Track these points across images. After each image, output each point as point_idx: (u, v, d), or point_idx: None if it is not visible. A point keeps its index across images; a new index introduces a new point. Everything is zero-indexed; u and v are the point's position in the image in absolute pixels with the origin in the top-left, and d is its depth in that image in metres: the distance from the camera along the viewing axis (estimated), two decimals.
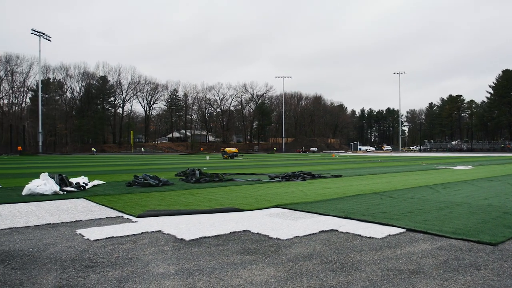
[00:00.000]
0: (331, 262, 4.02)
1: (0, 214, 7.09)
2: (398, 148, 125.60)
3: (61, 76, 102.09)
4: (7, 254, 4.39)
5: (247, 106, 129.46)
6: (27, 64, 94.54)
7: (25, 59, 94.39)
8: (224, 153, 48.66)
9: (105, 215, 6.98)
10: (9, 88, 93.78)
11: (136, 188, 11.31)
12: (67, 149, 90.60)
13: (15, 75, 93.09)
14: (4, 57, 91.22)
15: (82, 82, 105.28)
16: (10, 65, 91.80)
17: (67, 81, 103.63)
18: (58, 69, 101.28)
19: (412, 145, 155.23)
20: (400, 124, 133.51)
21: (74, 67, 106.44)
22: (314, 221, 6.29)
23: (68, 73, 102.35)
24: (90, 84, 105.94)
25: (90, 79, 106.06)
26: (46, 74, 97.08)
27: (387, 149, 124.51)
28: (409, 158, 43.40)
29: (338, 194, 9.77)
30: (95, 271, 3.78)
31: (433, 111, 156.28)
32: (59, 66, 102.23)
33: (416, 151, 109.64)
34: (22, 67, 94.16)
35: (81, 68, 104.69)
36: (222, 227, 5.84)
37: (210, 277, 3.57)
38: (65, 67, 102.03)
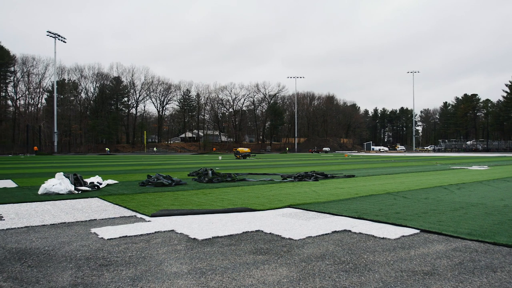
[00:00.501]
0: (344, 263, 4.00)
1: (17, 213, 7.21)
2: (411, 148, 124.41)
3: (76, 77, 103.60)
4: (23, 252, 4.46)
5: (259, 106, 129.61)
6: (43, 66, 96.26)
7: (41, 61, 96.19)
8: (236, 153, 48.74)
9: (119, 215, 7.05)
10: (26, 89, 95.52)
11: (149, 187, 11.40)
12: (82, 149, 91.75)
13: (31, 76, 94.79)
14: (20, 58, 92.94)
15: (96, 82, 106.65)
16: (26, 67, 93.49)
17: (81, 82, 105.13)
18: (73, 70, 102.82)
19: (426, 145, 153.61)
20: (413, 124, 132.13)
21: (89, 68, 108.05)
22: (327, 221, 6.27)
23: (82, 74, 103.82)
24: (104, 85, 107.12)
25: (104, 80, 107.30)
26: (61, 75, 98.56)
27: (400, 149, 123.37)
28: (423, 158, 42.94)
29: (351, 194, 9.71)
30: (109, 269, 3.82)
31: (447, 111, 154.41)
32: (74, 67, 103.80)
33: (430, 151, 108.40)
34: (38, 68, 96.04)
35: (95, 69, 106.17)
36: (234, 227, 5.85)
37: (222, 277, 3.58)
38: (80, 68, 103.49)
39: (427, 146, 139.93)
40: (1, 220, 6.50)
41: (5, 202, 8.55)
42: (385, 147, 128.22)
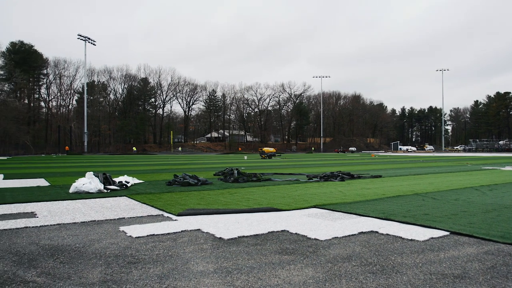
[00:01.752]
0: (371, 264, 3.94)
1: (50, 211, 7.44)
2: (441, 148, 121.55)
3: (105, 78, 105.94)
4: (56, 249, 4.60)
5: (285, 106, 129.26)
6: (73, 68, 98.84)
7: (72, 63, 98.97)
8: (262, 153, 48.75)
9: (147, 213, 7.17)
10: (57, 91, 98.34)
11: (176, 187, 11.55)
12: (110, 149, 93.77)
13: (62, 78, 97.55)
14: (53, 61, 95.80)
15: (124, 84, 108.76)
16: (58, 69, 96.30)
17: (110, 83, 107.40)
18: (102, 72, 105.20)
19: (455, 144, 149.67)
20: (443, 123, 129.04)
21: (117, 69, 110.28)
22: (353, 222, 6.20)
23: (111, 75, 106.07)
24: (132, 86, 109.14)
25: (132, 81, 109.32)
26: (91, 77, 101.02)
27: (429, 149, 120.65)
28: (452, 158, 41.87)
29: (378, 195, 9.57)
30: (137, 267, 3.89)
31: (478, 109, 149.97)
32: (103, 69, 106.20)
33: (460, 151, 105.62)
34: (69, 70, 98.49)
35: (123, 71, 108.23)
36: (260, 226, 5.86)
37: (248, 276, 3.59)
38: (109, 70, 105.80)
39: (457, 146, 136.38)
40: (35, 217, 6.72)
41: (38, 200, 8.84)
42: (413, 147, 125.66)
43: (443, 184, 12.33)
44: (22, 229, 5.80)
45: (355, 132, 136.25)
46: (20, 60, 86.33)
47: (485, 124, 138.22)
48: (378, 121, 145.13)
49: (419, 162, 32.80)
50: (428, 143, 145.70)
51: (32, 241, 5.00)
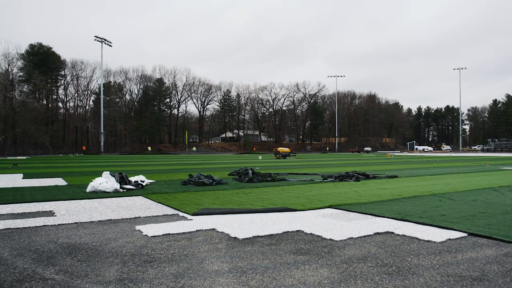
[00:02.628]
0: (387, 265, 3.91)
1: (67, 210, 7.57)
2: (458, 147, 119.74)
3: (121, 79, 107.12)
4: (73, 247, 4.68)
5: (299, 105, 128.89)
6: (90, 69, 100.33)
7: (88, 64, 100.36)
8: (276, 153, 48.74)
9: (162, 213, 7.23)
10: (75, 91, 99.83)
11: (191, 186, 11.62)
12: (126, 149, 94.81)
13: (80, 79, 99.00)
14: (70, 63, 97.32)
15: (140, 84, 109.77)
16: (75, 70, 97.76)
17: (126, 84, 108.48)
18: (118, 73, 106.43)
19: (473, 144, 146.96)
20: (460, 123, 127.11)
21: (133, 70, 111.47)
22: (368, 222, 6.15)
23: (127, 76, 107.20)
24: (148, 87, 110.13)
25: (147, 82, 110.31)
26: (107, 77, 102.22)
27: (446, 148, 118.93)
28: (470, 159, 41.19)
29: (394, 195, 9.47)
30: (153, 266, 3.93)
31: (497, 109, 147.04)
32: (119, 70, 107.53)
33: (478, 151, 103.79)
34: (86, 71, 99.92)
35: (139, 71, 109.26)
36: (275, 226, 5.86)
37: (263, 276, 3.60)
38: (125, 71, 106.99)
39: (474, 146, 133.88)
40: (53, 216, 6.84)
41: (56, 199, 8.99)
42: (430, 147, 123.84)
43: (460, 184, 12.14)
44: (41, 227, 5.91)
45: (370, 132, 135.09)
46: (39, 61, 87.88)
47: (504, 123, 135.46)
48: (393, 120, 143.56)
49: (435, 162, 32.37)
50: (445, 143, 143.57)
51: (51, 239, 5.09)
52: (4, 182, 13.59)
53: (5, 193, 10.23)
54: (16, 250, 4.53)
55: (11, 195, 9.79)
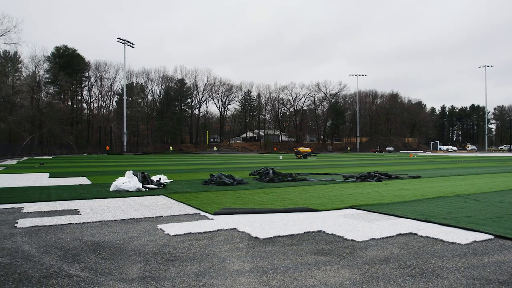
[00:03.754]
0: (410, 267, 3.85)
1: (92, 208, 7.72)
2: (484, 147, 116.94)
3: (143, 80, 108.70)
4: (97, 245, 4.77)
5: (320, 105, 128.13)
6: (113, 70, 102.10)
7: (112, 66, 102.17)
8: (297, 153, 48.56)
9: (184, 212, 7.31)
10: (99, 92, 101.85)
11: (212, 186, 11.70)
12: (149, 149, 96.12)
13: (103, 80, 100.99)
14: (94, 64, 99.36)
15: (161, 85, 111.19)
16: (99, 72, 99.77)
17: (148, 84, 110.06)
18: (140, 74, 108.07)
19: (500, 144, 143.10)
20: (486, 122, 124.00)
21: (155, 71, 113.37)
22: (391, 223, 6.06)
23: (149, 77, 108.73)
24: (169, 87, 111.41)
25: (169, 82, 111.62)
26: (130, 78, 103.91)
27: (471, 148, 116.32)
28: (497, 159, 40.13)
29: (417, 196, 9.32)
30: (175, 264, 3.97)
31: None
32: (141, 71, 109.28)
33: (505, 151, 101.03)
34: (109, 73, 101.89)
35: (160, 72, 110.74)
36: (296, 226, 5.84)
37: (284, 276, 3.59)
38: (147, 72, 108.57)
39: (501, 146, 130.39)
40: (78, 214, 7.00)
41: (81, 198, 9.20)
42: (454, 147, 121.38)
43: (486, 185, 11.85)
44: (66, 225, 6.05)
45: (393, 131, 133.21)
46: (64, 63, 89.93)
47: None
48: (416, 120, 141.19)
49: (460, 162, 31.69)
50: (470, 143, 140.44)
51: (76, 237, 5.20)
52: (32, 181, 13.97)
53: (32, 191, 10.52)
54: (43, 247, 4.65)
55: (38, 193, 10.06)
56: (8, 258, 4.21)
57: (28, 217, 6.78)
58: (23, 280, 3.50)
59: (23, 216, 6.89)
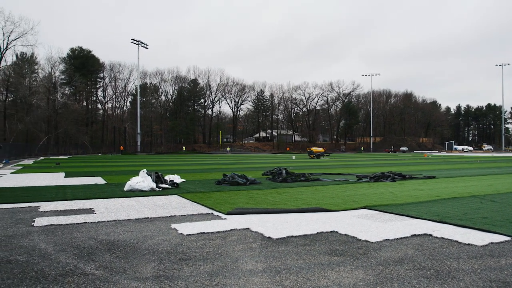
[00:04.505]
0: (425, 269, 3.80)
1: (106, 207, 7.81)
2: (500, 147, 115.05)
3: (157, 80, 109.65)
4: (112, 244, 4.82)
5: (333, 105, 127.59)
6: (127, 71, 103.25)
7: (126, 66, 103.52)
8: (310, 153, 48.40)
9: (197, 212, 7.34)
10: (113, 93, 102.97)
11: (225, 186, 11.73)
12: (162, 149, 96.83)
13: (117, 81, 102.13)
14: (108, 65, 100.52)
15: (175, 85, 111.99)
16: (113, 73, 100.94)
17: (161, 85, 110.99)
18: (154, 74, 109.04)
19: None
20: (503, 121, 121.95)
21: (168, 71, 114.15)
22: (405, 224, 6.01)
23: (162, 77, 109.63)
24: (182, 87, 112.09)
25: (182, 83, 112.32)
26: (144, 79, 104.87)
27: (487, 148, 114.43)
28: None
29: (432, 196, 9.21)
30: (188, 264, 4.00)
31: None
32: (155, 72, 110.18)
33: None
34: (124, 73, 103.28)
35: (174, 73, 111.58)
36: (309, 227, 5.82)
37: (297, 276, 3.58)
38: (160, 72, 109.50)
39: None
40: (93, 214, 7.09)
41: (96, 197, 9.31)
42: (470, 147, 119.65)
43: (503, 186, 11.66)
44: (81, 224, 6.13)
45: (407, 131, 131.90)
46: (79, 65, 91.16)
47: None
48: (431, 119, 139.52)
49: (476, 162, 31.23)
50: (486, 143, 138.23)
51: (91, 236, 5.27)
52: (48, 180, 14.19)
53: (48, 191, 10.69)
54: (59, 246, 4.72)
55: (54, 193, 10.22)
56: (25, 256, 4.28)
57: (44, 216, 6.89)
58: (40, 277, 3.56)
59: (40, 215, 7.01)
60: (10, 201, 8.73)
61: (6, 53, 63.49)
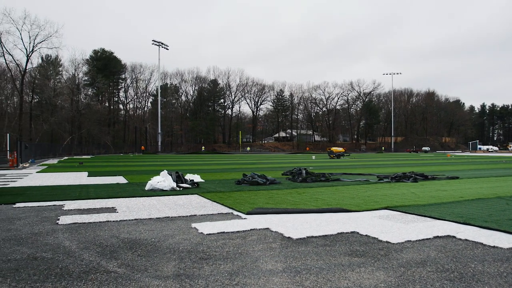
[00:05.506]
0: (448, 271, 3.73)
1: (128, 206, 7.93)
2: None
3: (177, 81, 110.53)
4: (134, 242, 4.90)
5: (353, 104, 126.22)
6: (148, 72, 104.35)
7: (147, 67, 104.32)
8: (330, 153, 48.07)
9: (217, 211, 7.38)
10: (134, 94, 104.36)
11: (244, 186, 11.76)
12: (182, 149, 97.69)
13: (139, 82, 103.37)
14: (130, 66, 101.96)
15: (195, 86, 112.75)
16: (135, 73, 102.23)
17: (182, 85, 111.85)
18: (174, 75, 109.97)
19: None
20: None
21: (188, 72, 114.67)
22: (427, 225, 5.90)
23: (183, 78, 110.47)
24: (202, 88, 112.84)
25: (202, 83, 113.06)
26: (164, 80, 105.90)
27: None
28: None
29: (455, 197, 9.03)
30: (209, 263, 4.02)
31: None
32: (175, 72, 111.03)
33: None
34: (145, 74, 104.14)
35: (194, 73, 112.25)
36: (329, 227, 5.79)
37: (317, 277, 3.57)
38: (180, 73, 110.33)
39: None
40: (115, 212, 7.21)
41: (118, 196, 9.46)
42: (494, 147, 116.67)
43: None
44: (104, 223, 6.24)
45: (429, 131, 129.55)
46: (102, 66, 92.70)
47: None
48: (454, 119, 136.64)
49: (501, 163, 30.45)
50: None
51: (113, 234, 5.36)
52: (72, 179, 14.50)
53: (72, 190, 10.92)
54: (83, 244, 4.82)
55: (78, 192, 10.44)
56: (50, 253, 4.39)
57: (68, 214, 7.04)
58: (65, 274, 3.64)
59: (64, 213, 7.17)
60: (36, 199, 8.96)
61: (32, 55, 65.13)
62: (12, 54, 70.52)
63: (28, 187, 11.70)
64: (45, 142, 61.29)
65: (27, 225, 6.05)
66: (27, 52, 60.00)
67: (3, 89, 64.65)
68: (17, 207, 7.90)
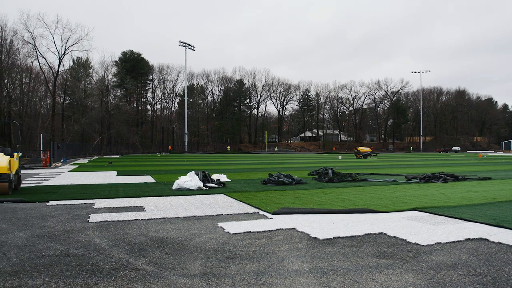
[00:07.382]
0: (480, 275, 3.62)
1: (156, 205, 8.06)
2: None
3: (203, 81, 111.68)
4: (161, 241, 4.97)
5: (381, 103, 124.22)
6: (175, 73, 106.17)
7: (174, 68, 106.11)
8: (357, 153, 47.48)
9: (243, 211, 7.41)
10: (161, 94, 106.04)
11: (271, 186, 11.76)
12: (208, 148, 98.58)
13: (166, 83, 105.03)
14: (157, 67, 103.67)
15: (221, 86, 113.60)
16: (162, 74, 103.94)
17: (208, 86, 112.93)
18: (200, 75, 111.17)
19: None
20: None
21: (214, 72, 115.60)
22: (458, 227, 5.75)
23: (209, 78, 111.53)
24: (228, 88, 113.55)
25: (228, 83, 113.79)
26: (191, 80, 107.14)
27: None
28: None
29: (487, 198, 8.76)
30: (235, 262, 4.04)
31: None
32: (202, 73, 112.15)
33: None
34: (172, 75, 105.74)
35: (220, 74, 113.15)
36: (356, 228, 5.72)
37: (344, 278, 3.53)
38: (207, 73, 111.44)
39: None
40: (143, 211, 7.34)
41: (146, 195, 9.64)
42: None
43: None
44: (133, 221, 6.37)
45: (459, 130, 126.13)
46: (130, 67, 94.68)
47: None
48: (486, 118, 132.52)
49: None
50: None
51: (141, 233, 5.46)
52: (101, 178, 14.86)
53: (102, 189, 11.19)
54: (112, 241, 4.93)
55: (107, 190, 10.68)
56: (81, 250, 4.51)
57: (99, 212, 7.22)
58: (95, 271, 3.73)
59: (94, 211, 7.35)
60: (68, 197, 9.23)
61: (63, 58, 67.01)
62: (45, 57, 73.13)
63: (60, 186, 12.07)
64: (76, 142, 63.01)
65: (60, 222, 6.24)
66: (59, 55, 61.80)
67: (37, 91, 66.84)
68: (50, 205, 8.16)
